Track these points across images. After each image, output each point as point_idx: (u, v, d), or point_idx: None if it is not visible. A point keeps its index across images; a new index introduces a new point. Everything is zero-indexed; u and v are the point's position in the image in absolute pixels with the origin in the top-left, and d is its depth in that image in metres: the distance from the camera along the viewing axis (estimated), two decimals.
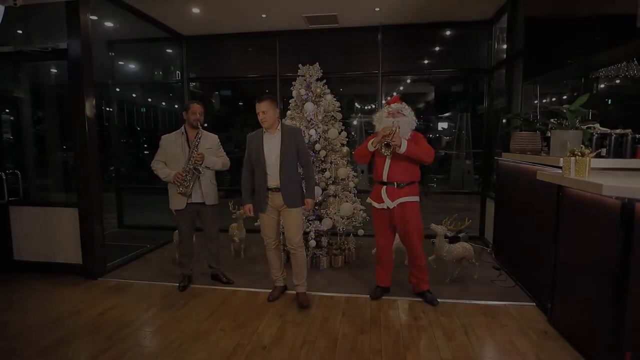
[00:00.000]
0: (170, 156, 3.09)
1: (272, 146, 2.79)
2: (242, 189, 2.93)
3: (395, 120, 2.77)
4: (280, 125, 2.84)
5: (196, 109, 3.07)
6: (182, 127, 3.14)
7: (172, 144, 3.10)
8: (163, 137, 3.14)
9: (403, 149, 2.69)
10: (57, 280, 3.46)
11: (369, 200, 3.04)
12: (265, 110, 2.71)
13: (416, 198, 2.89)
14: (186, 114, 3.10)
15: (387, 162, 2.84)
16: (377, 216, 2.97)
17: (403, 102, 2.89)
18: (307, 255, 3.62)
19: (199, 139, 3.07)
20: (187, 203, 3.09)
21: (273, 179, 2.80)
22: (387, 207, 2.85)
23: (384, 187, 2.87)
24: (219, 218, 3.34)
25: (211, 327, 2.59)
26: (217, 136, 3.26)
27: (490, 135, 4.74)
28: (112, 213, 5.65)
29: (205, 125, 3.19)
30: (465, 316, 2.73)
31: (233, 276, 3.46)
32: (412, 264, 3.00)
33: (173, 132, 3.16)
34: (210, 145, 3.16)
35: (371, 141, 2.81)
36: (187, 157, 3.04)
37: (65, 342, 2.42)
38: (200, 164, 3.02)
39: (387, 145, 2.68)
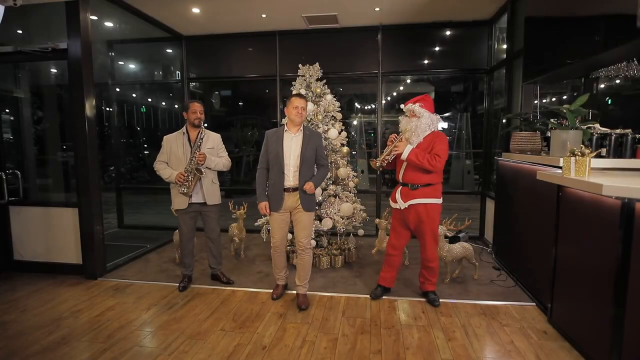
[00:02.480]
0: (172, 156, 3.09)
1: (292, 146, 2.78)
2: (256, 187, 2.90)
3: (410, 123, 2.77)
4: (302, 126, 2.84)
5: (196, 107, 3.06)
6: (184, 127, 3.14)
7: (173, 144, 3.09)
8: (165, 137, 3.14)
9: (404, 155, 2.73)
10: (57, 280, 3.47)
11: (390, 199, 3.06)
12: (304, 106, 2.75)
13: (433, 200, 2.80)
14: (186, 114, 3.09)
15: (404, 163, 2.84)
16: (393, 215, 3.01)
17: (418, 103, 2.80)
18: None
19: (202, 138, 3.07)
20: (189, 203, 3.09)
21: (290, 180, 2.79)
22: (400, 207, 2.86)
23: (400, 187, 2.89)
24: (220, 218, 3.35)
25: (211, 327, 2.60)
26: (219, 135, 3.26)
27: (490, 135, 4.74)
28: (112, 213, 5.65)
29: (205, 125, 3.19)
30: (465, 316, 2.73)
31: (233, 276, 3.46)
32: (423, 264, 2.99)
33: (175, 132, 3.15)
34: (212, 145, 3.16)
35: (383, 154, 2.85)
36: (188, 157, 3.04)
37: (65, 342, 2.42)
38: (202, 164, 3.02)
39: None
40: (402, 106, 2.89)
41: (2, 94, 4.06)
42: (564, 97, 4.46)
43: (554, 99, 4.56)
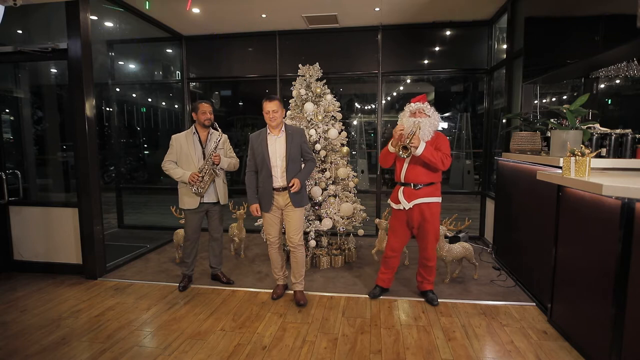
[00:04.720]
0: (182, 156, 3.08)
1: (277, 147, 2.81)
2: (246, 190, 2.94)
3: (417, 120, 2.73)
4: (284, 126, 2.86)
5: (206, 108, 3.07)
6: (192, 126, 3.14)
7: (184, 143, 3.08)
8: (173, 136, 3.13)
9: (419, 151, 2.67)
10: (57, 280, 3.47)
11: (389, 200, 3.04)
12: (275, 109, 2.76)
13: (435, 199, 2.84)
14: (196, 115, 3.09)
15: (406, 163, 2.83)
16: (394, 216, 2.98)
17: (427, 102, 2.84)
18: (307, 255, 3.64)
19: (219, 141, 3.09)
20: (200, 203, 3.10)
21: (278, 180, 2.83)
22: (404, 207, 2.85)
23: (402, 188, 2.87)
24: (224, 218, 3.36)
25: (211, 327, 2.60)
26: (226, 136, 3.27)
27: (490, 135, 4.74)
28: (112, 213, 5.65)
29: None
30: (465, 316, 2.73)
31: (233, 276, 3.47)
32: (421, 263, 2.99)
33: (183, 132, 3.15)
34: (221, 145, 3.17)
35: (390, 143, 2.80)
36: (199, 157, 3.05)
37: (65, 342, 2.42)
38: (218, 165, 3.03)
39: (405, 148, 2.65)
40: (411, 104, 2.84)
41: (2, 94, 4.06)
42: (564, 97, 4.46)
43: (554, 99, 4.57)
